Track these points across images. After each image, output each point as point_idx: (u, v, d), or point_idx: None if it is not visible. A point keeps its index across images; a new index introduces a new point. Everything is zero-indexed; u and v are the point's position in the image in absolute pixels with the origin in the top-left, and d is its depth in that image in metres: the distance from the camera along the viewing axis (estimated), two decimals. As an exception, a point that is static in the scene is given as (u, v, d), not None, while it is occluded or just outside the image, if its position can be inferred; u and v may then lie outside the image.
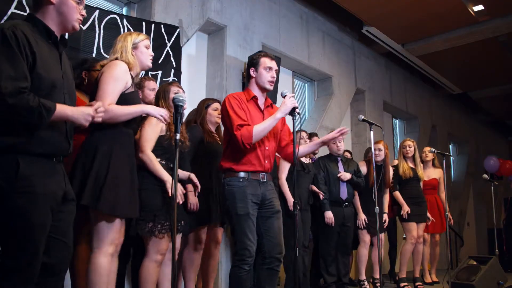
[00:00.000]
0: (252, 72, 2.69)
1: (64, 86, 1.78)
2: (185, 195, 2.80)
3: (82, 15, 1.84)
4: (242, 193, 2.51)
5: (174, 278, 1.92)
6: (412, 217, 4.70)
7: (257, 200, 2.57)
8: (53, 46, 1.77)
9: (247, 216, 2.51)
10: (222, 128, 2.83)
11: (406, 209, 4.65)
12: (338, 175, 4.27)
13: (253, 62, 2.70)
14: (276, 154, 2.91)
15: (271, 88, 2.71)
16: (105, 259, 2.13)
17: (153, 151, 2.52)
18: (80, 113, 1.73)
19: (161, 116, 2.22)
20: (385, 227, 4.54)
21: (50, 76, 1.69)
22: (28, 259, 1.60)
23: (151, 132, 2.52)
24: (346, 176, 4.27)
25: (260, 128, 2.51)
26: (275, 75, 2.70)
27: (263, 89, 2.70)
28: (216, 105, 3.32)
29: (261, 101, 2.73)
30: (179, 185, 2.59)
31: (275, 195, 2.70)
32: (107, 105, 2.05)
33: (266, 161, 2.64)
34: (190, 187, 2.87)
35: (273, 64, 2.70)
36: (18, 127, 1.60)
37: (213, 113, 3.29)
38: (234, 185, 2.55)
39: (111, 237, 2.15)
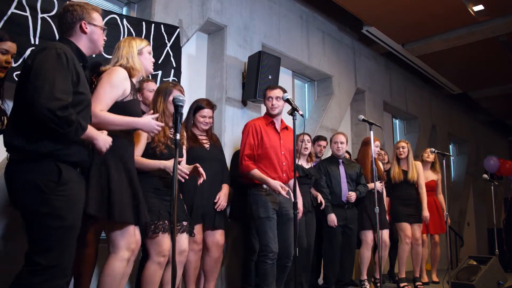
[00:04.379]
0: (266, 102, 3.34)
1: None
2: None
3: (104, 40, 2.07)
4: (264, 201, 3.08)
5: (174, 278, 1.92)
6: (402, 218, 4.71)
7: (276, 207, 3.14)
8: (82, 68, 1.96)
9: (267, 218, 3.08)
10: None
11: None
12: (347, 196, 4.24)
13: (263, 95, 3.38)
14: None
15: (274, 113, 3.28)
16: (121, 264, 2.14)
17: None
18: (103, 139, 1.93)
19: (153, 132, 2.25)
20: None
21: (86, 95, 1.91)
22: (61, 258, 1.72)
23: (138, 147, 2.51)
24: (353, 198, 4.24)
25: (257, 176, 3.11)
26: (274, 103, 3.26)
27: (272, 115, 3.31)
28: (206, 112, 3.20)
29: (277, 125, 3.32)
30: (184, 165, 2.62)
31: (291, 204, 3.06)
32: (99, 110, 2.05)
33: (284, 175, 3.21)
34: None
35: (272, 93, 3.28)
36: (58, 136, 1.75)
37: (201, 120, 3.21)
38: (257, 195, 3.14)
39: (125, 242, 2.16)
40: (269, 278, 3.04)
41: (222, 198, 3.17)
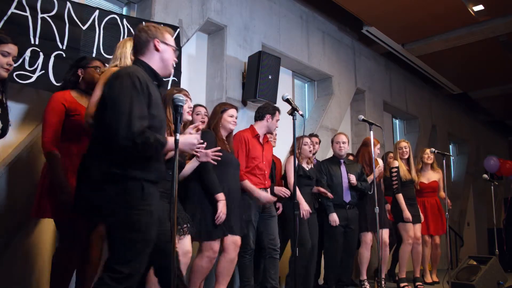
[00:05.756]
0: (268, 118, 3.59)
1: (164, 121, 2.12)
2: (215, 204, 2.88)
3: (174, 60, 2.14)
4: (248, 204, 3.35)
5: (174, 278, 1.92)
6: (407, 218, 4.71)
7: (259, 209, 3.49)
8: (156, 87, 2.04)
9: (249, 222, 3.37)
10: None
11: (408, 215, 4.61)
12: (349, 180, 4.24)
13: (269, 111, 3.61)
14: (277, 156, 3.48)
15: (273, 132, 3.75)
16: None
17: None
18: (187, 144, 2.06)
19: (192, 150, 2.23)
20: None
21: (159, 114, 2.01)
22: (139, 267, 1.88)
23: None
24: (352, 179, 4.24)
25: (248, 187, 3.39)
26: (278, 125, 3.68)
27: (269, 132, 3.67)
28: (233, 111, 3.25)
29: (261, 139, 3.61)
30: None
31: (272, 205, 3.62)
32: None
33: (266, 182, 3.55)
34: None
35: (279, 117, 3.66)
36: (141, 159, 1.89)
37: (229, 120, 3.22)
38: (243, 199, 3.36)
39: None
40: (247, 271, 3.40)
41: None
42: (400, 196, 4.68)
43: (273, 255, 3.48)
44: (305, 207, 3.71)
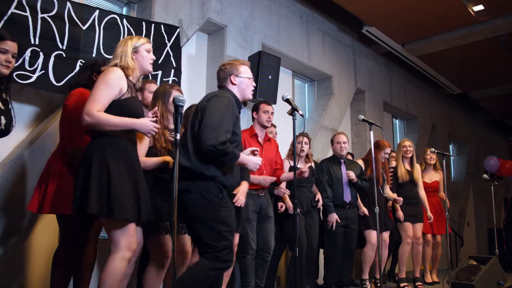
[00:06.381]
0: (254, 114, 3.66)
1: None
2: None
3: (253, 85, 2.56)
4: (246, 204, 3.18)
5: (174, 278, 1.92)
6: (406, 218, 4.71)
7: (256, 209, 3.50)
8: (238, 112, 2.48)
9: (247, 220, 3.38)
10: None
11: (399, 215, 4.68)
12: (348, 177, 4.24)
13: (254, 108, 3.67)
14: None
15: (268, 125, 3.64)
16: (122, 263, 2.11)
17: None
18: (252, 162, 2.45)
19: (150, 134, 2.25)
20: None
21: (239, 135, 2.46)
22: (228, 251, 2.27)
23: (141, 145, 2.50)
24: (352, 175, 4.24)
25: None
26: (271, 117, 3.63)
27: (265, 127, 3.64)
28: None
29: (261, 137, 3.65)
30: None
31: (270, 205, 3.65)
32: (95, 111, 2.06)
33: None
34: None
35: (269, 108, 3.63)
36: (218, 166, 2.30)
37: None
38: None
39: (126, 242, 2.13)
40: (249, 271, 3.47)
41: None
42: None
43: (264, 257, 3.56)
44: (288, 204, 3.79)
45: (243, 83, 2.49)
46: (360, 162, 4.65)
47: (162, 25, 3.75)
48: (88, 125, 2.09)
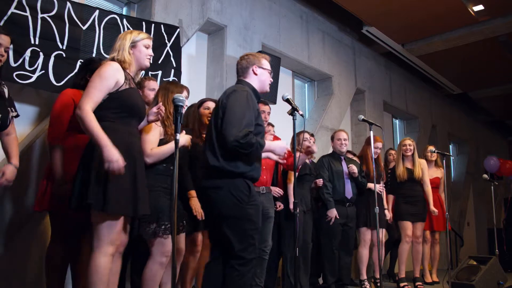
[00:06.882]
0: None
1: None
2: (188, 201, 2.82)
3: (270, 80, 2.60)
4: None
5: (174, 278, 1.92)
6: (406, 216, 4.72)
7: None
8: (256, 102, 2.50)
9: None
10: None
11: (389, 216, 4.74)
12: (351, 170, 4.25)
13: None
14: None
15: (265, 125, 3.54)
16: (105, 259, 2.10)
17: None
18: (278, 146, 2.49)
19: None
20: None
21: (262, 125, 2.48)
22: (256, 251, 2.32)
23: (152, 136, 2.50)
24: (354, 169, 4.24)
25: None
26: (266, 116, 3.60)
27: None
28: (208, 104, 3.16)
29: None
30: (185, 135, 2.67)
31: (271, 204, 3.58)
32: (89, 108, 2.07)
33: (265, 176, 3.45)
34: (193, 193, 2.86)
35: (265, 108, 3.61)
36: (245, 160, 2.33)
37: (204, 112, 3.13)
38: None
39: (111, 238, 2.12)
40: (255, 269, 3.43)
41: None
42: (389, 197, 4.88)
43: (262, 256, 3.56)
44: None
45: (263, 75, 2.54)
46: (356, 159, 4.68)
47: (162, 25, 3.75)
48: (80, 120, 2.08)
